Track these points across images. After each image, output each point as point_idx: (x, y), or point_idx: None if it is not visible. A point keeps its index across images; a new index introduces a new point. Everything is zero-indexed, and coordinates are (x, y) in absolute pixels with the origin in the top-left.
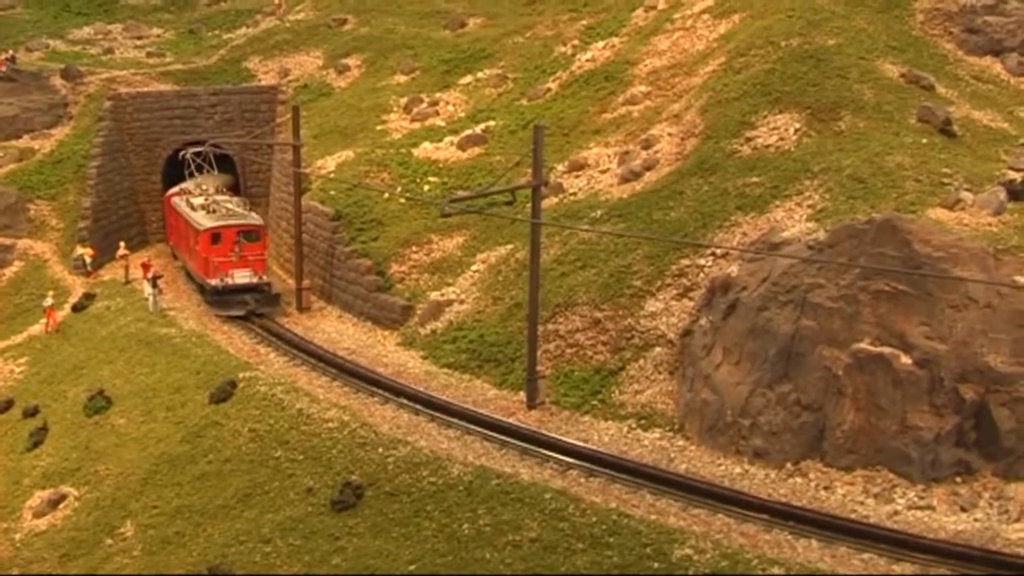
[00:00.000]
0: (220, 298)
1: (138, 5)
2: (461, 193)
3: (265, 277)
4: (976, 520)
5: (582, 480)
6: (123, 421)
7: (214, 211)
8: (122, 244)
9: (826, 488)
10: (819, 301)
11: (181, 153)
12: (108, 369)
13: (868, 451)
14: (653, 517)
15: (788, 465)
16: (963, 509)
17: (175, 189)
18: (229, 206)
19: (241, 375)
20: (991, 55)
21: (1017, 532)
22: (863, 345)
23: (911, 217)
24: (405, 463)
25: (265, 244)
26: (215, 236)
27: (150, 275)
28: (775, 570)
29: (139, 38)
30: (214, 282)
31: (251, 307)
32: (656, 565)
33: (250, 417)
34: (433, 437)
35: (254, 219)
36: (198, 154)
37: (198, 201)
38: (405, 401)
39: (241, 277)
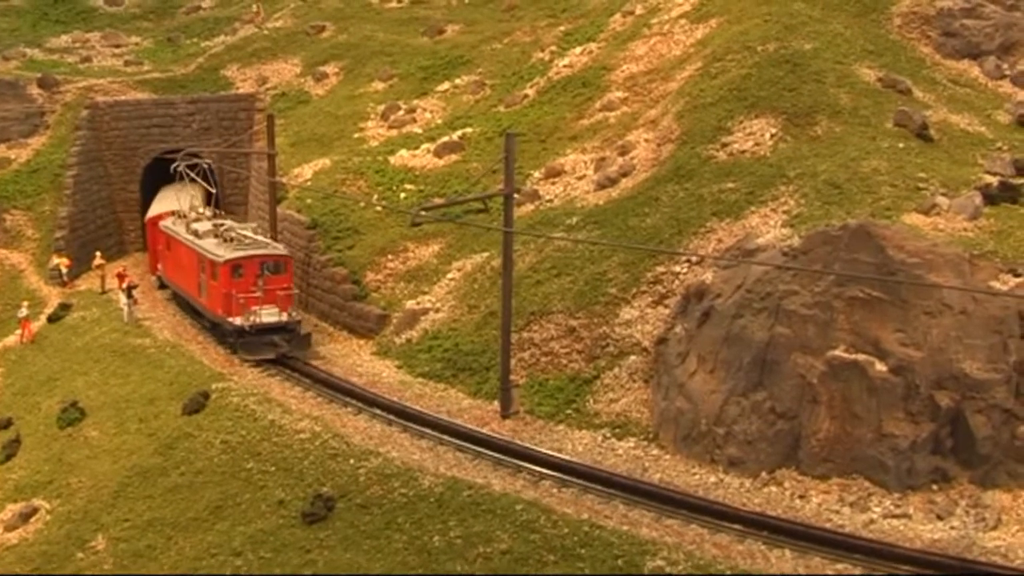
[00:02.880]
0: (245, 340)
1: (117, 13)
2: (437, 201)
3: (294, 314)
4: (953, 528)
5: (554, 491)
6: (96, 433)
7: (230, 239)
8: (98, 254)
9: (801, 497)
10: (793, 308)
11: (173, 166)
12: (82, 380)
13: (844, 459)
14: (625, 528)
15: (763, 474)
16: (939, 517)
17: (158, 211)
18: (246, 233)
19: (214, 386)
20: (969, 58)
21: (994, 540)
22: (838, 352)
23: (885, 223)
24: (377, 474)
25: (291, 276)
26: (235, 268)
27: (125, 285)
28: None
29: (117, 46)
30: (238, 321)
31: (283, 350)
32: None
33: (222, 428)
34: (405, 448)
35: (278, 248)
36: (192, 167)
37: (203, 227)
38: (379, 411)
39: (268, 315)
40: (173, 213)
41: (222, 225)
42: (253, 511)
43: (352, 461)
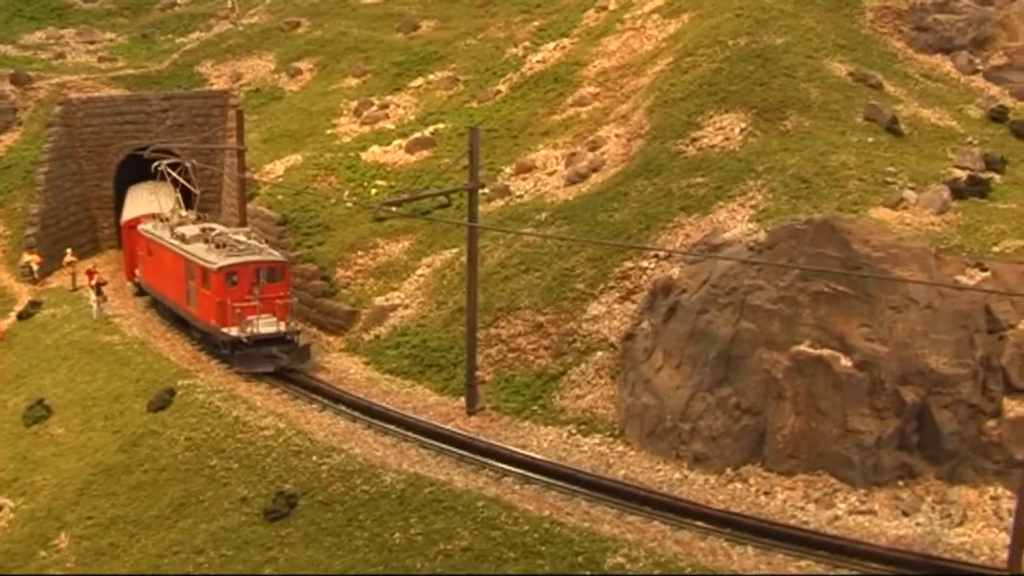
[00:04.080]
0: (241, 352)
1: (92, 10)
2: (403, 196)
3: (293, 324)
4: (918, 525)
5: (516, 487)
6: (62, 431)
7: (221, 244)
8: (68, 251)
9: (766, 494)
10: (758, 303)
11: (154, 166)
12: (50, 378)
13: (809, 455)
14: (587, 525)
15: (728, 470)
16: (905, 513)
17: (134, 214)
18: (239, 238)
19: (180, 383)
20: (941, 53)
21: (959, 537)
22: (803, 347)
23: (851, 217)
24: (339, 471)
25: (288, 284)
26: (230, 276)
27: (94, 282)
28: None
29: (92, 43)
30: (233, 332)
31: (283, 362)
32: (588, 574)
33: (187, 425)
34: (369, 444)
35: (273, 254)
36: (174, 165)
37: (189, 231)
38: (344, 408)
39: (266, 326)
40: (153, 216)
41: (212, 229)
42: (216, 508)
43: (315, 458)
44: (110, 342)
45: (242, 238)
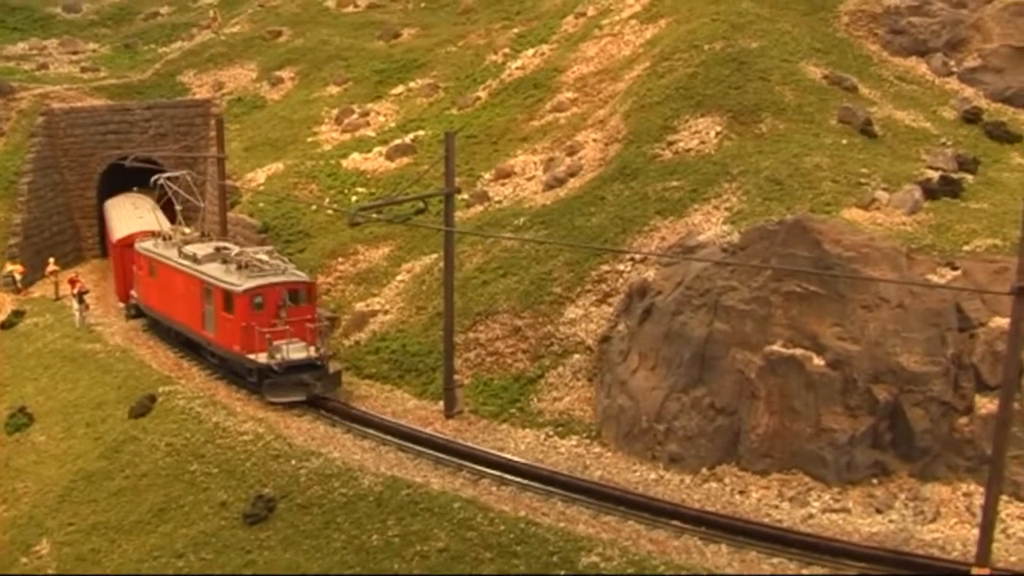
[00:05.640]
0: (272, 380)
1: (75, 20)
2: (379, 201)
3: (322, 349)
4: (891, 522)
5: (493, 489)
6: (43, 438)
7: (244, 264)
8: (51, 260)
9: (741, 492)
10: (732, 304)
11: (153, 178)
12: (32, 386)
13: (783, 454)
14: (562, 525)
15: (704, 470)
16: (878, 511)
17: (127, 230)
18: (261, 256)
19: (161, 389)
20: (916, 55)
21: (932, 533)
22: (775, 347)
23: (822, 217)
24: (318, 475)
25: (315, 306)
26: (255, 298)
27: (76, 290)
28: None
29: (74, 53)
30: (262, 359)
31: (316, 391)
32: (562, 573)
33: (168, 431)
34: (347, 448)
35: (299, 274)
36: (174, 179)
37: (201, 250)
38: (323, 412)
39: (296, 351)
40: (154, 235)
41: (228, 248)
42: (196, 513)
43: (294, 462)
44: (92, 350)
45: (264, 257)
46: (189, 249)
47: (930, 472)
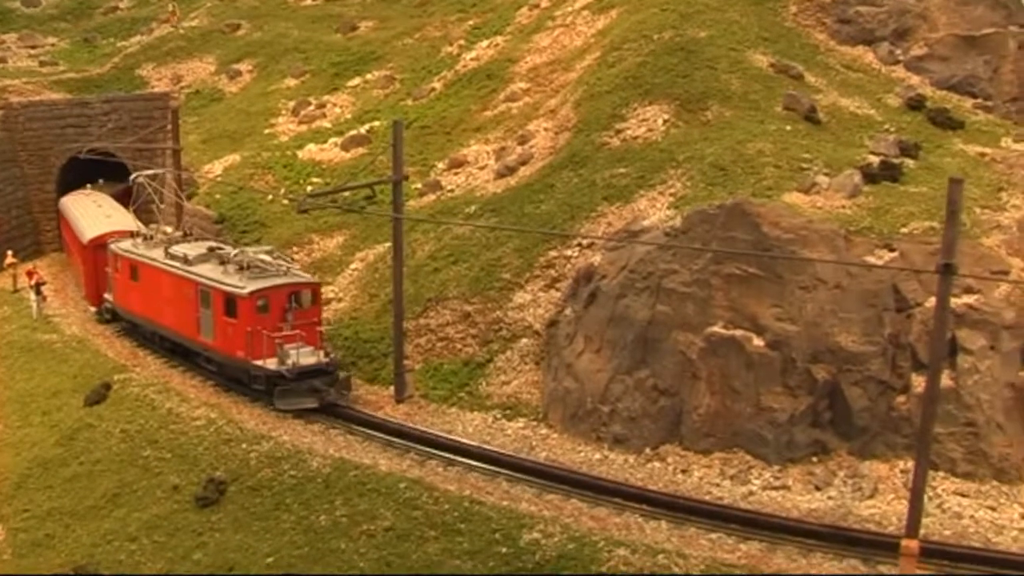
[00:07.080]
0: (283, 387)
1: (34, 15)
2: (328, 189)
3: (332, 353)
4: (830, 498)
5: (440, 470)
6: (0, 427)
7: (243, 265)
8: (9, 253)
9: (684, 471)
10: (673, 286)
11: (132, 177)
12: None
13: (725, 434)
14: (506, 503)
15: (647, 450)
16: (818, 488)
17: (100, 231)
18: (262, 257)
19: (116, 377)
20: (863, 44)
21: (869, 509)
22: (716, 329)
23: (761, 201)
24: (268, 458)
25: (320, 308)
26: (261, 301)
27: (33, 282)
28: (621, 551)
29: (33, 47)
30: (271, 366)
31: (329, 397)
32: (504, 550)
33: (122, 418)
34: (297, 432)
35: (303, 275)
36: (155, 177)
37: (193, 251)
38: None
39: (306, 357)
40: (132, 234)
41: (221, 248)
42: (149, 497)
43: (245, 446)
44: (49, 340)
45: (265, 257)
46: (177, 249)
47: (868, 450)
